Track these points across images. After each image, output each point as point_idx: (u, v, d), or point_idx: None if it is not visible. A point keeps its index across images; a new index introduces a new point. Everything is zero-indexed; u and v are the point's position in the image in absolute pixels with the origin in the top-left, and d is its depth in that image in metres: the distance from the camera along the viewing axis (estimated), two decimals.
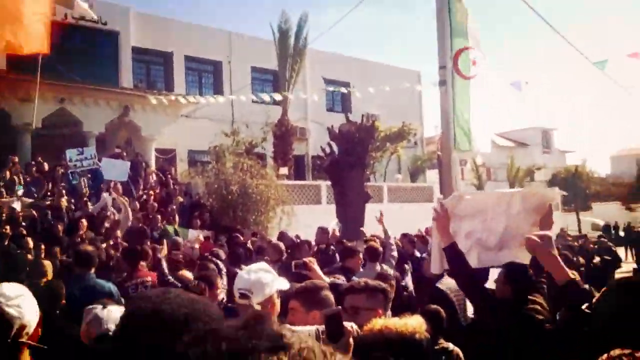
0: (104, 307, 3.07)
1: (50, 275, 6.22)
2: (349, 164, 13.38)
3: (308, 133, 25.53)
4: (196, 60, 24.35)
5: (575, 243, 15.07)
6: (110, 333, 2.66)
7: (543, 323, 3.77)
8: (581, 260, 10.85)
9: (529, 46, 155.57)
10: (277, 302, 2.97)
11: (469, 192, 5.89)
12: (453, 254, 3.92)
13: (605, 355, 1.55)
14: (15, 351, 2.15)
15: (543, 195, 4.31)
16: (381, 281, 3.73)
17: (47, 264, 6.47)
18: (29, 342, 2.19)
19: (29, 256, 8.49)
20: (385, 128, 24.82)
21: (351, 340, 2.56)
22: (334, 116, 23.64)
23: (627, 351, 1.52)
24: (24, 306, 2.19)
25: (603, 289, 1.99)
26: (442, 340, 3.99)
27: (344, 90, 20.68)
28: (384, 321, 2.77)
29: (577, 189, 32.39)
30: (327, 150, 13.89)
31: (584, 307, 2.57)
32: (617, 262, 13.73)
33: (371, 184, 22.16)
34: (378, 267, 6.44)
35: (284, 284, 2.98)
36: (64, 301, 4.42)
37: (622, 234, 26.47)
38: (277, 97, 16.83)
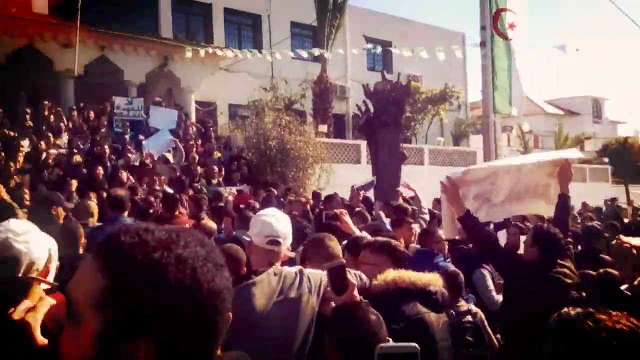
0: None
1: (96, 216, 6.24)
2: (383, 122, 13.06)
3: (348, 92, 25.08)
4: (236, 12, 24.02)
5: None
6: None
7: (571, 287, 3.87)
8: None
9: (580, 14, 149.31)
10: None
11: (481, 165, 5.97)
12: (468, 221, 4.07)
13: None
14: (25, 287, 2.09)
15: (559, 153, 4.73)
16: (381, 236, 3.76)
17: (93, 205, 6.48)
18: (39, 278, 2.12)
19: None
20: (427, 90, 24.16)
21: (356, 292, 2.55)
22: (375, 75, 23.09)
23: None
24: (33, 242, 2.16)
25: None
26: (462, 302, 3.97)
27: (378, 50, 19.90)
28: (398, 272, 2.82)
29: (627, 160, 31.11)
30: (363, 108, 13.57)
31: None
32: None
33: (411, 145, 21.75)
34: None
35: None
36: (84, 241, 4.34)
37: None
38: (316, 53, 16.45)
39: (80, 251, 4.22)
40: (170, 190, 10.79)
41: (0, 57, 14.45)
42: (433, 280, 2.84)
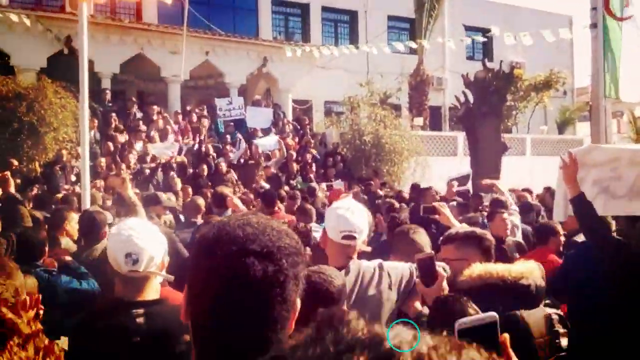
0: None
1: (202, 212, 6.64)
2: (483, 113, 12.71)
3: (445, 83, 24.61)
4: (333, 10, 24.31)
5: None
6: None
7: None
8: None
9: None
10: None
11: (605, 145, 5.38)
12: (580, 204, 3.70)
13: None
14: (145, 280, 2.35)
15: None
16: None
17: (202, 202, 6.89)
18: (157, 272, 2.38)
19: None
20: (531, 77, 23.15)
21: (445, 284, 2.48)
22: (474, 65, 22.46)
23: None
24: (152, 239, 2.37)
25: None
26: None
27: (480, 39, 19.22)
28: (484, 266, 2.68)
29: None
30: (462, 99, 13.28)
31: None
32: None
33: (512, 135, 21.00)
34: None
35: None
36: None
37: None
38: (413, 45, 16.29)
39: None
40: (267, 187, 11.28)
41: (114, 65, 15.57)
42: (527, 272, 2.67)
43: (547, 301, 3.60)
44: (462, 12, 25.09)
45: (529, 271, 2.68)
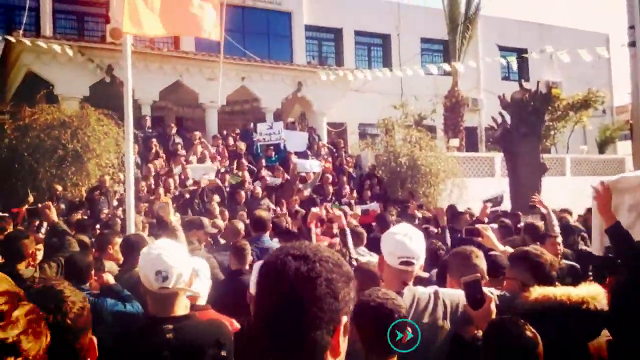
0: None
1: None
2: (521, 134, 12.53)
3: (481, 103, 24.44)
4: (365, 34, 24.53)
5: None
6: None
7: None
8: None
9: None
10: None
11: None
12: (617, 234, 3.56)
13: None
14: (175, 297, 2.49)
15: None
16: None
17: (241, 226, 6.95)
18: (185, 288, 2.52)
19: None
20: (568, 96, 22.81)
21: (493, 306, 2.45)
22: (509, 85, 22.30)
23: None
24: (180, 258, 2.51)
25: None
26: None
27: (513, 62, 19.02)
28: (543, 290, 2.64)
29: None
30: (499, 120, 13.14)
31: None
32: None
33: (552, 155, 20.66)
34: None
35: None
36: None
37: None
38: (447, 68, 16.26)
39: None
40: (302, 210, 11.33)
41: (154, 92, 15.97)
42: (588, 297, 2.59)
43: None
44: (496, 33, 24.99)
45: (591, 296, 2.61)
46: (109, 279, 4.34)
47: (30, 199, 8.74)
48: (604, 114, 28.04)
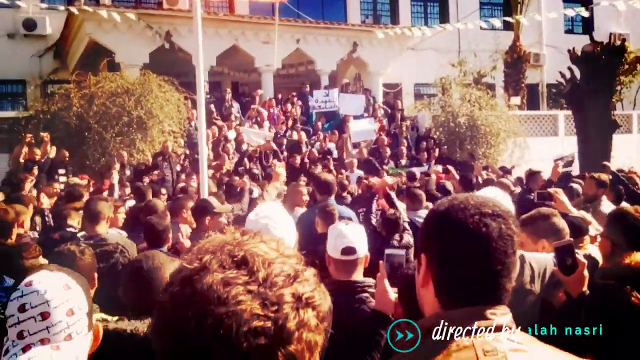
0: (346, 224, 3.20)
1: None
2: (592, 90, 11.94)
3: (543, 59, 23.42)
4: None
5: None
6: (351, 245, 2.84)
7: None
8: None
9: None
10: None
11: None
12: None
13: None
14: None
15: None
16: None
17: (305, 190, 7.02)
18: None
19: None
20: (636, 49, 21.58)
21: (586, 272, 2.37)
22: (573, 39, 21.23)
23: None
24: (287, 228, 2.46)
25: None
26: None
27: (584, 13, 18.00)
28: (635, 256, 2.53)
29: None
30: (567, 75, 12.55)
31: None
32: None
33: (618, 112, 19.71)
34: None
35: None
36: None
37: None
38: (509, 20, 15.60)
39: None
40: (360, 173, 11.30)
41: (211, 57, 16.07)
42: None
43: None
44: None
45: None
46: (186, 242, 4.48)
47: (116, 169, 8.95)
48: None
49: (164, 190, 9.01)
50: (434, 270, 1.30)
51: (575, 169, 10.57)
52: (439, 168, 11.87)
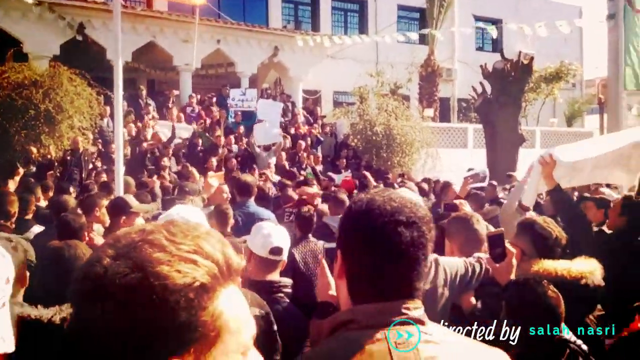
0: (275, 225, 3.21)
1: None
2: (501, 103, 12.62)
3: (455, 74, 24.48)
4: None
5: None
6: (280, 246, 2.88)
7: None
8: None
9: None
10: None
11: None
12: (558, 196, 3.99)
13: None
14: None
15: None
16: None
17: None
18: None
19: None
20: (541, 68, 23.09)
21: (514, 261, 2.48)
22: (483, 55, 22.38)
23: None
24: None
25: None
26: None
27: (493, 30, 19.00)
28: (542, 263, 2.69)
29: None
30: (479, 89, 13.18)
31: None
32: None
33: (523, 127, 20.93)
34: None
35: None
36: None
37: None
38: (425, 32, 16.18)
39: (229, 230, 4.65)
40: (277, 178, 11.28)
41: (126, 53, 15.49)
42: (587, 272, 2.64)
43: None
44: (472, 3, 24.96)
45: (589, 270, 2.67)
46: (99, 240, 4.28)
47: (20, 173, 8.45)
48: (574, 87, 28.50)
49: (71, 189, 8.56)
50: (348, 267, 1.33)
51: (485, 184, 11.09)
52: (349, 174, 12.09)
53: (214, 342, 0.80)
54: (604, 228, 4.51)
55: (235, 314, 0.84)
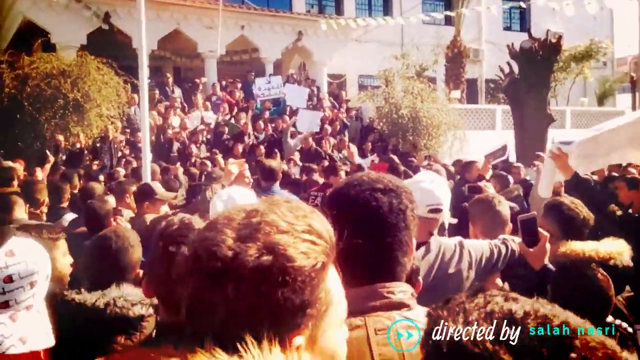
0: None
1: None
2: (529, 84, 12.37)
3: (482, 54, 24.06)
4: None
5: None
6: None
7: None
8: None
9: None
10: None
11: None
12: (575, 182, 3.91)
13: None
14: None
15: None
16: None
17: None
18: None
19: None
20: (571, 47, 22.54)
21: (548, 246, 2.43)
22: (511, 35, 21.92)
23: None
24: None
25: None
26: None
27: (522, 4, 18.59)
28: (571, 244, 2.64)
29: None
30: (507, 70, 12.94)
31: None
32: None
33: (552, 107, 20.53)
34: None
35: None
36: None
37: None
38: (450, 14, 15.93)
39: None
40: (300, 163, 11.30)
41: (152, 41, 15.61)
42: (615, 253, 2.59)
43: None
44: None
45: (618, 251, 2.61)
46: (126, 225, 4.34)
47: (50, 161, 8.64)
48: (605, 65, 27.79)
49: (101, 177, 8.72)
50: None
51: (512, 157, 10.92)
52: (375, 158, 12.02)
53: (324, 316, 0.86)
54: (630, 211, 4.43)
55: (338, 289, 0.91)
